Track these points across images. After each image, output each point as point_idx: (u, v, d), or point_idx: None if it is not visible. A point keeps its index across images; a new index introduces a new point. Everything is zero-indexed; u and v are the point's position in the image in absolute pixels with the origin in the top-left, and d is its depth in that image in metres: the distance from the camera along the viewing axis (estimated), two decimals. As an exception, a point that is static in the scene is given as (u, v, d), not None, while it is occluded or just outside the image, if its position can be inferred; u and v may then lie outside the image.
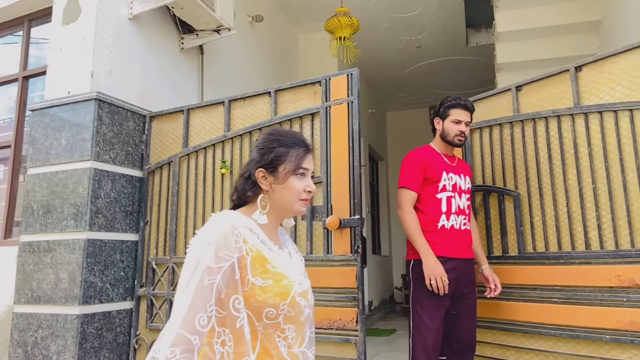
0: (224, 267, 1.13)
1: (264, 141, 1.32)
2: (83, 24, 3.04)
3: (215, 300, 1.11)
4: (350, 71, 2.50)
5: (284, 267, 1.23)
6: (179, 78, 3.67)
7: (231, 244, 1.15)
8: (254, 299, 1.15)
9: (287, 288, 1.19)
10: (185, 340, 1.05)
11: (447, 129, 2.57)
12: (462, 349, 2.48)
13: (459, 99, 2.57)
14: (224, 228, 1.17)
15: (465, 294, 2.49)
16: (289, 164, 1.27)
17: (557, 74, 2.54)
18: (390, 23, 6.02)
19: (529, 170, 2.64)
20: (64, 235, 2.81)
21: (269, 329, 1.17)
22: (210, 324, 1.10)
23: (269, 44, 5.33)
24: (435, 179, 2.49)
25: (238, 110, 2.85)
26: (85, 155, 2.84)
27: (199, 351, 1.08)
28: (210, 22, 3.57)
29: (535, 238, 2.58)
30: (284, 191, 1.27)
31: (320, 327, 2.36)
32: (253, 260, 1.18)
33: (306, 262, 2.47)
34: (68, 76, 3.02)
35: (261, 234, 1.24)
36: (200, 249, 1.14)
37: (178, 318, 1.07)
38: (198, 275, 1.10)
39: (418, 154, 2.56)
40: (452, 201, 2.50)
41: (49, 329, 2.76)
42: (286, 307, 1.18)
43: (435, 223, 2.46)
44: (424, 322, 2.36)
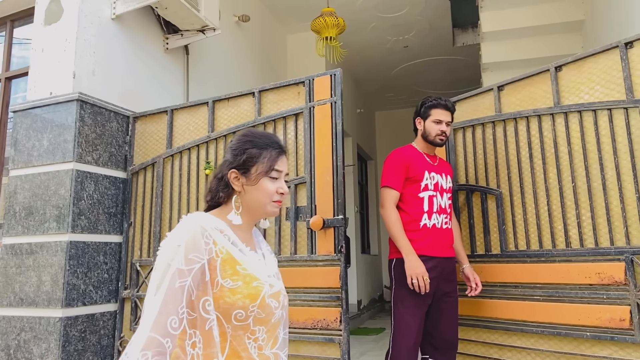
0: (194, 269, 1.13)
1: (237, 142, 1.32)
2: (65, 24, 3.01)
3: (186, 302, 1.12)
4: (334, 72, 2.51)
5: (254, 269, 1.23)
6: (164, 78, 3.65)
7: (201, 246, 1.16)
8: (223, 300, 1.16)
9: (257, 290, 1.20)
10: (157, 343, 1.05)
11: (429, 129, 2.59)
12: (445, 347, 2.49)
13: (440, 99, 2.59)
14: (193, 230, 1.17)
15: (447, 292, 2.51)
16: (261, 166, 1.27)
17: (537, 74, 2.57)
18: (377, 23, 6.04)
19: (511, 169, 2.66)
20: (47, 238, 2.79)
21: (238, 330, 1.18)
22: (182, 326, 1.10)
23: (256, 44, 5.32)
24: (417, 178, 2.51)
25: (222, 111, 2.85)
26: (67, 156, 2.82)
27: (171, 353, 1.07)
28: (194, 22, 3.56)
29: (517, 236, 2.61)
30: (256, 192, 1.28)
31: (304, 327, 2.37)
32: (223, 262, 1.18)
33: (290, 262, 2.50)
34: (50, 77, 3.00)
35: (232, 236, 1.24)
36: (170, 252, 1.14)
37: (149, 321, 1.07)
38: (168, 278, 1.10)
39: (400, 153, 2.58)
40: (434, 200, 2.52)
41: (31, 331, 2.74)
42: (256, 309, 1.18)
43: (417, 222, 2.47)
44: (405, 321, 2.37)
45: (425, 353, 2.51)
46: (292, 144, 2.60)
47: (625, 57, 2.23)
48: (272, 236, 2.56)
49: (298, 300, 2.42)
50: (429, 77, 7.77)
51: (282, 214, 2.56)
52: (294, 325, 2.41)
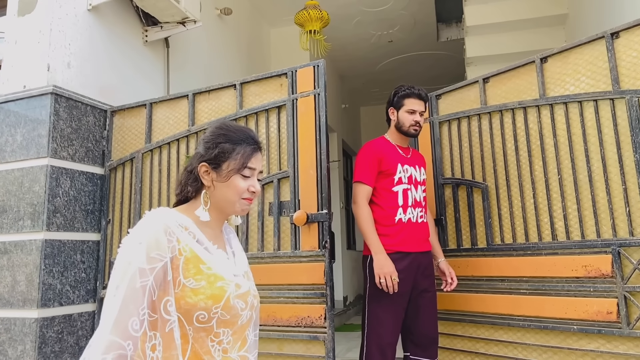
0: (156, 268, 1.07)
1: (211, 135, 1.25)
2: (39, 15, 2.90)
3: (148, 302, 1.05)
4: (317, 63, 2.45)
5: (220, 268, 1.17)
6: (143, 72, 3.55)
7: (163, 244, 1.09)
8: (184, 301, 1.10)
9: (221, 290, 1.14)
10: (118, 346, 0.99)
11: (402, 119, 2.52)
12: (425, 343, 2.45)
13: (413, 88, 2.52)
14: (155, 227, 1.11)
15: (425, 288, 2.46)
16: (233, 162, 1.21)
17: (522, 66, 2.54)
18: (361, 17, 5.99)
19: (497, 162, 2.64)
20: (21, 236, 2.69)
21: (200, 332, 1.12)
22: (143, 328, 1.04)
23: (239, 38, 5.23)
24: (390, 171, 2.45)
25: (203, 104, 2.77)
26: (41, 152, 2.72)
27: (133, 358, 1.01)
28: (175, 13, 3.46)
29: (503, 230, 2.58)
30: (226, 189, 1.21)
31: (288, 325, 2.32)
32: (186, 260, 1.12)
33: (273, 258, 2.43)
34: (23, 70, 2.89)
35: (198, 233, 1.18)
36: (131, 249, 1.07)
37: (108, 323, 1.01)
38: (129, 277, 1.04)
39: (372, 147, 2.51)
40: (408, 194, 2.47)
41: (6, 333, 2.64)
42: (219, 310, 1.12)
43: (392, 217, 2.42)
44: (379, 319, 2.32)
45: (407, 350, 2.48)
46: (275, 138, 2.53)
47: (611, 48, 2.21)
48: (255, 232, 2.50)
49: (282, 297, 2.37)
50: (414, 72, 7.75)
51: (265, 209, 2.50)
52: (278, 323, 2.36)
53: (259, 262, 2.45)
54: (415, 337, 2.44)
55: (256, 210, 2.52)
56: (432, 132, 2.96)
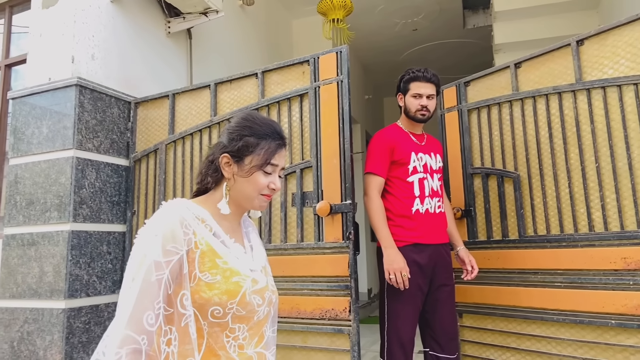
0: (172, 261, 1.03)
1: (236, 126, 1.20)
2: (62, 7, 2.91)
3: (163, 296, 1.02)
4: (340, 49, 2.38)
5: (236, 263, 1.13)
6: (166, 63, 3.54)
7: (179, 237, 1.06)
8: (199, 295, 1.06)
9: (237, 285, 1.10)
10: (132, 340, 0.97)
11: (409, 105, 2.42)
12: (444, 340, 2.36)
13: (419, 71, 2.41)
14: (171, 219, 1.07)
15: (444, 281, 2.38)
16: (256, 157, 1.16)
17: (557, 49, 2.43)
18: (385, 5, 5.87)
19: (529, 151, 2.53)
20: (48, 227, 2.71)
21: (214, 327, 1.08)
22: (158, 322, 1.01)
23: (261, 28, 5.19)
24: (403, 161, 2.35)
25: (225, 94, 2.73)
26: (67, 144, 2.73)
27: (147, 352, 0.99)
28: (197, 4, 3.44)
29: (537, 221, 2.49)
30: (246, 184, 1.17)
31: (312, 318, 2.27)
32: (202, 254, 1.08)
33: (297, 250, 2.39)
34: (48, 62, 2.90)
35: (215, 226, 1.14)
36: (147, 242, 1.04)
37: (124, 317, 0.98)
38: (144, 270, 1.01)
39: (384, 135, 2.41)
40: (424, 183, 2.37)
41: (35, 323, 2.67)
42: (235, 306, 1.08)
43: (408, 208, 2.32)
44: (398, 314, 2.24)
45: (426, 346, 2.40)
46: (298, 127, 2.48)
47: (654, 28, 2.09)
48: (278, 223, 2.46)
49: (305, 290, 2.32)
50: (439, 61, 7.58)
51: (287, 200, 2.45)
52: (302, 316, 2.31)
53: (282, 254, 2.41)
54: (434, 333, 2.36)
55: (279, 201, 2.47)
56: (460, 120, 2.87)
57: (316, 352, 2.26)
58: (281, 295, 2.36)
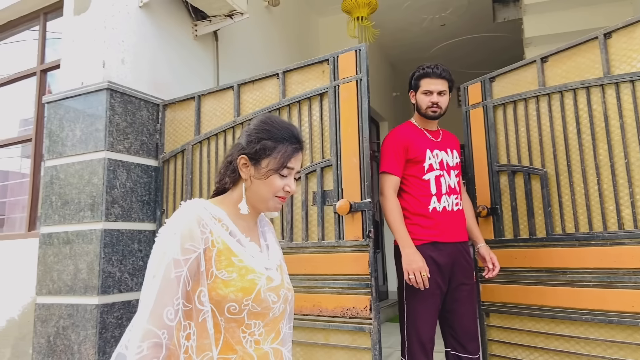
0: (190, 259, 1.08)
1: (255, 128, 1.23)
2: (93, 13, 3.02)
3: (182, 293, 1.07)
4: (358, 47, 2.38)
5: (252, 261, 1.17)
6: (193, 65, 3.62)
7: (197, 235, 1.10)
8: (215, 292, 1.10)
9: (252, 283, 1.13)
10: (153, 334, 1.01)
11: (420, 102, 2.40)
12: (465, 339, 2.34)
13: (429, 67, 2.37)
14: (189, 218, 1.11)
15: (463, 280, 2.35)
16: (273, 161, 1.19)
17: (584, 43, 2.36)
18: (411, 1, 5.81)
19: (557, 147, 2.48)
20: (82, 226, 2.82)
21: (230, 323, 1.12)
22: (177, 317, 1.05)
23: (287, 28, 5.23)
24: (419, 159, 2.33)
25: (247, 95, 2.78)
26: (99, 145, 2.83)
27: (167, 346, 1.03)
28: (222, 6, 3.50)
29: (564, 218, 2.43)
30: (262, 187, 1.20)
31: (334, 316, 2.29)
32: (218, 252, 1.12)
33: (318, 248, 2.41)
34: (81, 67, 3.02)
35: (231, 225, 1.18)
36: (167, 240, 1.09)
37: (145, 312, 1.03)
38: (164, 267, 1.06)
39: (398, 134, 2.39)
40: (441, 181, 2.34)
41: (69, 319, 2.78)
42: (250, 303, 1.12)
43: (426, 206, 2.30)
44: (417, 313, 2.23)
45: (448, 345, 2.38)
46: (318, 126, 2.50)
47: (685, 18, 2.01)
48: (299, 221, 2.49)
49: (327, 288, 2.34)
50: (469, 56, 7.46)
51: (308, 199, 2.48)
52: (323, 313, 2.33)
53: (304, 252, 2.44)
54: (454, 333, 2.34)
55: (300, 200, 2.50)
56: (485, 116, 2.83)
57: (338, 349, 2.28)
58: (303, 293, 2.40)
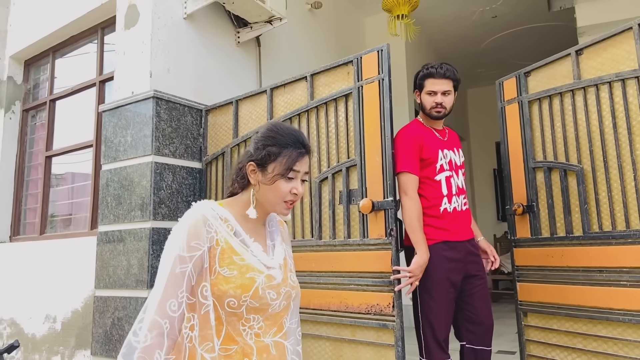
0: (195, 256, 1.18)
1: (261, 136, 1.32)
2: (141, 27, 3.24)
3: (187, 287, 1.17)
4: (381, 47, 2.42)
5: (253, 260, 1.25)
6: (237, 71, 3.78)
7: (202, 234, 1.20)
8: (217, 288, 1.20)
9: (251, 281, 1.22)
10: (158, 324, 1.13)
11: (424, 102, 2.41)
12: (481, 331, 2.36)
13: (433, 67, 2.37)
14: (196, 218, 1.22)
15: (474, 274, 2.37)
16: (278, 166, 1.26)
17: (619, 34, 2.27)
18: (459, -5, 5.71)
19: (593, 142, 2.40)
20: (133, 225, 3.05)
21: (231, 316, 1.22)
22: (181, 309, 1.16)
23: (332, 29, 5.30)
24: (431, 160, 2.35)
25: (279, 98, 2.89)
26: (147, 150, 3.05)
27: (169, 335, 1.13)
28: (261, 13, 3.63)
29: (601, 216, 2.35)
30: (269, 192, 1.28)
31: (359, 312, 2.35)
32: (222, 251, 1.22)
33: (344, 246, 2.48)
34: (131, 77, 3.25)
35: (236, 226, 1.27)
36: (175, 238, 1.20)
37: (154, 304, 1.15)
38: (171, 263, 1.17)
39: (411, 133, 2.39)
40: (451, 181, 2.37)
41: (123, 310, 3.02)
42: (248, 299, 1.20)
43: (437, 207, 2.33)
44: (433, 312, 2.26)
45: (462, 339, 2.39)
46: (343, 127, 2.56)
47: None
48: (327, 220, 2.56)
49: (352, 285, 2.41)
50: (523, 47, 7.19)
51: (335, 198, 2.55)
52: (350, 310, 2.40)
53: (332, 250, 2.52)
54: (470, 325, 2.37)
55: (328, 199, 2.58)
56: (521, 112, 2.77)
57: (364, 345, 2.34)
58: (331, 289, 2.48)
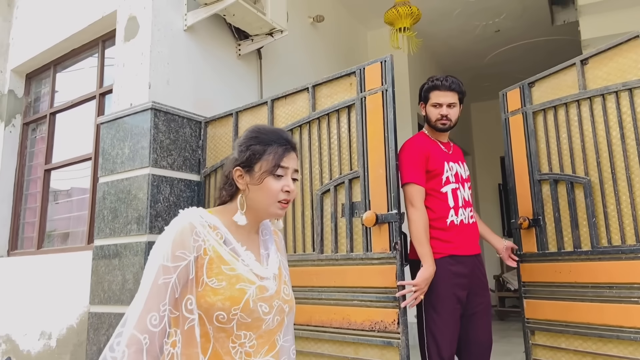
0: (180, 266, 1.10)
1: (244, 138, 1.27)
2: (141, 39, 3.22)
3: (170, 299, 1.09)
4: (384, 58, 2.38)
5: (243, 270, 1.17)
6: (237, 84, 3.75)
7: (189, 243, 1.13)
8: (204, 300, 1.12)
9: (241, 292, 1.13)
10: (136, 340, 1.04)
11: (429, 114, 2.41)
12: (479, 351, 2.30)
13: (438, 79, 2.38)
14: (183, 226, 1.14)
15: (479, 293, 2.31)
16: (265, 163, 1.21)
17: (625, 42, 2.23)
18: (462, 9, 5.69)
19: (600, 154, 2.34)
20: (129, 239, 2.98)
21: (220, 332, 1.12)
22: (162, 324, 1.07)
23: (334, 43, 5.29)
24: (438, 171, 2.32)
25: (280, 109, 2.84)
26: (144, 162, 2.99)
27: (149, 351, 1.05)
28: (262, 26, 3.61)
29: (610, 230, 2.28)
30: (260, 193, 1.21)
31: (362, 329, 2.27)
32: (210, 260, 1.14)
33: (347, 260, 2.40)
34: (130, 89, 3.22)
35: (227, 234, 1.20)
36: (159, 246, 1.13)
37: (134, 317, 1.07)
38: (153, 273, 1.09)
39: (417, 144, 2.38)
40: (457, 193, 2.34)
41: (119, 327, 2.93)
42: (238, 312, 1.12)
43: (444, 219, 2.29)
44: (439, 329, 2.19)
45: (460, 358, 2.32)
46: (346, 138, 2.51)
47: None
48: (329, 233, 2.49)
49: (355, 300, 2.33)
50: (528, 61, 7.16)
51: (337, 210, 2.48)
52: (352, 327, 2.32)
53: (334, 264, 2.44)
54: (469, 345, 2.30)
55: (330, 212, 2.51)
56: (525, 123, 2.72)
57: (366, 364, 2.25)
58: (333, 305, 2.40)
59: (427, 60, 6.57)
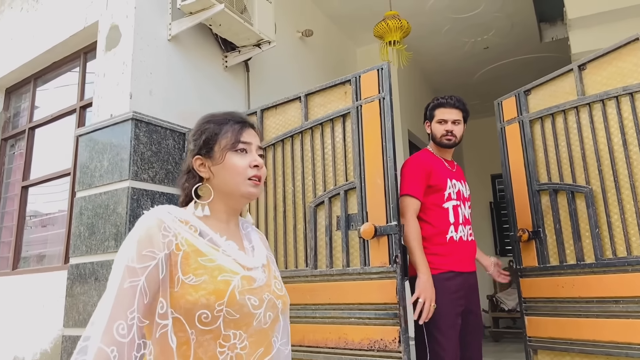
0: (149, 267, 0.97)
1: (196, 127, 1.20)
2: (123, 48, 3.09)
3: (138, 306, 0.94)
4: (381, 66, 2.30)
5: (225, 260, 1.04)
6: (224, 96, 3.63)
7: (157, 240, 0.99)
8: (185, 299, 0.97)
9: (225, 284, 0.99)
10: (104, 355, 0.89)
11: (434, 131, 2.44)
12: None
13: (443, 98, 2.43)
14: (149, 224, 1.01)
15: (473, 310, 2.29)
16: (224, 140, 1.12)
17: (624, 46, 2.17)
18: (451, 25, 5.69)
19: (602, 161, 2.25)
20: (106, 256, 2.81)
21: (205, 335, 0.97)
22: (132, 334, 0.92)
23: (323, 58, 5.22)
24: (440, 187, 2.30)
25: (270, 120, 2.73)
26: (123, 175, 2.84)
27: None
28: (250, 36, 3.51)
29: (615, 241, 2.17)
30: (225, 172, 1.11)
31: (360, 349, 2.12)
32: (185, 255, 1.01)
33: (343, 275, 2.25)
34: (111, 100, 3.08)
35: (201, 226, 1.08)
36: (124, 248, 0.99)
37: (99, 329, 0.92)
38: (119, 277, 0.95)
39: (420, 159, 2.38)
40: (458, 210, 2.32)
41: (94, 351, 2.74)
42: (224, 308, 0.97)
43: (443, 235, 2.26)
44: (442, 346, 2.10)
45: None
46: (341, 148, 2.40)
47: None
48: (323, 247, 2.35)
49: (352, 318, 2.18)
50: (517, 78, 7.12)
51: (332, 223, 2.35)
52: (349, 346, 2.16)
53: (328, 280, 2.30)
54: None
55: (324, 225, 2.38)
56: (522, 132, 2.64)
57: (363, 387, 2.09)
58: (328, 324, 2.25)
59: (416, 76, 6.54)
